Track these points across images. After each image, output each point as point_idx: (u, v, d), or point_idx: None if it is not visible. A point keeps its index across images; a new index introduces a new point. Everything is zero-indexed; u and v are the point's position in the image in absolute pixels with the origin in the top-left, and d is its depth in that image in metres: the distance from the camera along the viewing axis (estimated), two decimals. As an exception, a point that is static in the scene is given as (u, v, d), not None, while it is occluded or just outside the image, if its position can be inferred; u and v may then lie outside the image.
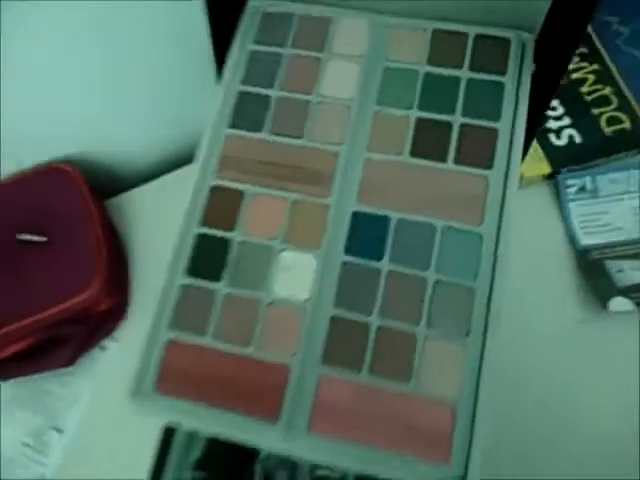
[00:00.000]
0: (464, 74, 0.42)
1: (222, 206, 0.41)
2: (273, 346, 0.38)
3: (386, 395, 0.36)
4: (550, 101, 0.43)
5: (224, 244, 0.41)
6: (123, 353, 0.61)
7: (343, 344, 0.38)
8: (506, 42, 0.43)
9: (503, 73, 0.42)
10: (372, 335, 0.37)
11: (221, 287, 0.40)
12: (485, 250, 0.38)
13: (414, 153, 0.41)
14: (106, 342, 0.62)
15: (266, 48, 0.45)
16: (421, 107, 0.42)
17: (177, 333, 0.39)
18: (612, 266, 0.61)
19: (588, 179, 0.68)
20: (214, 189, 0.42)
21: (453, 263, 0.38)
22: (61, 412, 0.57)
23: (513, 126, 0.41)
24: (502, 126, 0.41)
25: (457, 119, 0.41)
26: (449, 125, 0.41)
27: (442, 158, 0.41)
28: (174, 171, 0.71)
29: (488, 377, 0.36)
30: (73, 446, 0.56)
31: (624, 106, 0.69)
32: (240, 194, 0.42)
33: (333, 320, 0.38)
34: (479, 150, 0.40)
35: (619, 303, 0.58)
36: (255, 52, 0.45)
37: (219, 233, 0.41)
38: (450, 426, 0.35)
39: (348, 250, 0.40)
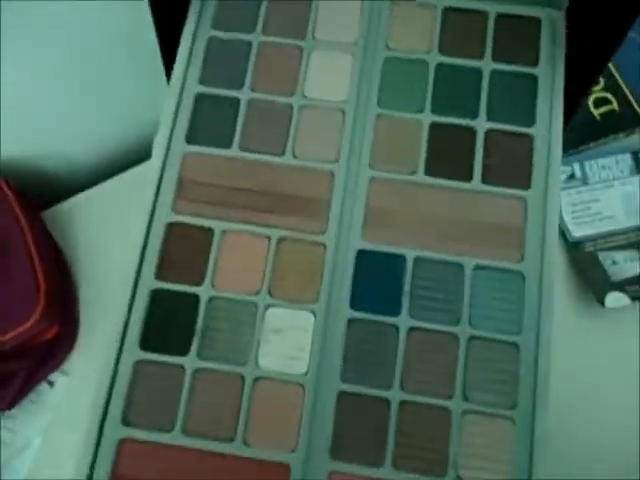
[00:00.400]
0: (486, 65, 0.33)
1: (183, 250, 0.31)
2: (265, 439, 0.29)
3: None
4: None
5: (189, 303, 0.30)
6: (75, 388, 0.53)
7: (356, 430, 0.29)
8: (535, 22, 0.34)
9: (534, 63, 0.33)
10: (393, 414, 0.29)
11: (189, 362, 0.30)
12: (528, 293, 0.30)
13: (430, 170, 0.32)
14: (54, 377, 0.54)
15: (229, 35, 0.34)
16: (435, 109, 0.33)
17: (133, 429, 0.29)
18: (605, 258, 0.59)
19: (576, 166, 0.64)
20: (171, 227, 0.31)
21: (490, 313, 0.30)
22: (7, 462, 0.50)
23: (550, 130, 0.32)
24: (538, 131, 0.32)
25: (481, 124, 0.32)
26: (472, 132, 0.32)
27: (466, 176, 0.32)
28: (122, 173, 0.62)
29: (542, 462, 0.28)
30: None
31: (612, 86, 0.65)
32: (207, 233, 0.31)
33: (341, 397, 0.29)
34: (512, 164, 0.31)
35: (615, 298, 0.56)
36: (214, 40, 0.34)
37: (181, 288, 0.31)
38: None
39: (355, 303, 0.30)
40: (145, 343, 0.30)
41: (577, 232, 0.59)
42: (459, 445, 0.28)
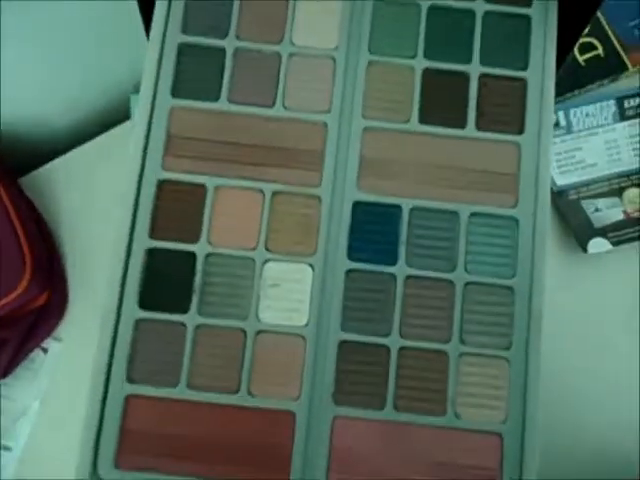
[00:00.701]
0: (479, 5, 0.32)
1: (176, 208, 0.30)
2: (269, 389, 0.29)
3: (417, 433, 0.29)
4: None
5: (186, 260, 0.30)
6: (68, 353, 0.53)
7: (357, 376, 0.29)
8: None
9: (528, 3, 0.32)
10: (393, 361, 0.29)
11: (189, 319, 0.30)
12: (522, 237, 0.30)
13: (424, 118, 0.31)
14: (47, 343, 0.54)
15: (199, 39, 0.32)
16: (428, 54, 0.32)
17: (138, 385, 0.29)
18: (588, 206, 0.59)
19: (561, 114, 0.64)
20: (163, 184, 0.31)
21: (485, 259, 0.30)
22: (7, 428, 0.50)
23: (543, 74, 0.32)
24: (531, 75, 0.32)
25: (475, 68, 0.32)
26: (465, 77, 0.32)
27: (460, 123, 0.31)
28: (99, 137, 0.59)
29: (535, 397, 0.29)
30: (24, 463, 0.50)
31: (597, 32, 0.64)
32: (199, 189, 0.31)
33: (342, 346, 0.30)
34: (505, 109, 0.31)
35: (597, 244, 0.58)
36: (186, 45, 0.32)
37: (178, 246, 0.30)
38: (497, 461, 0.28)
39: (352, 254, 0.30)
40: (144, 302, 0.30)
41: (561, 180, 0.59)
42: (457, 385, 0.29)
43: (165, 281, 0.30)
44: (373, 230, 0.31)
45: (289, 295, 0.30)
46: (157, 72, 0.32)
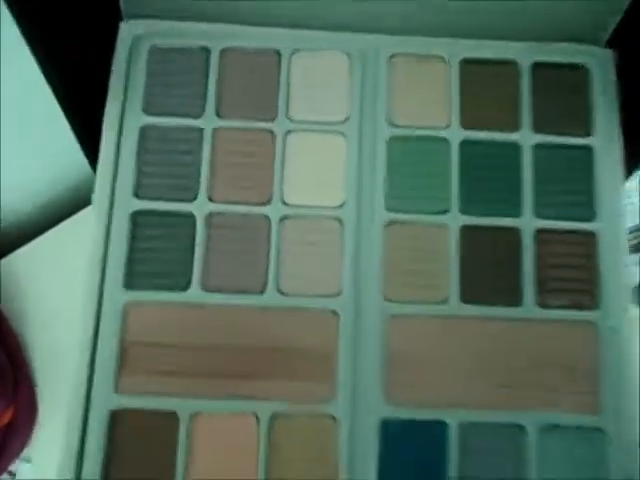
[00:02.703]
0: (525, 138, 0.24)
1: (139, 446, 0.21)
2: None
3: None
4: None
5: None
6: (40, 475, 0.45)
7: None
8: (579, 70, 0.25)
9: (587, 131, 0.24)
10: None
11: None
12: (613, 454, 0.22)
13: (467, 296, 0.23)
14: (15, 466, 0.46)
15: (169, 120, 0.24)
16: (465, 207, 0.24)
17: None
18: None
19: None
20: (117, 416, 0.22)
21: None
22: None
23: (615, 224, 0.24)
24: (602, 227, 0.24)
25: (528, 223, 0.24)
26: (516, 235, 0.24)
27: (514, 299, 0.23)
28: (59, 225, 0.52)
29: None
30: None
31: None
32: (169, 420, 0.22)
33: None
34: (572, 277, 0.23)
35: None
36: (149, 129, 0.24)
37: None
38: None
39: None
40: None
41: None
42: None
43: None
44: (410, 459, 0.22)
45: None
46: (103, 252, 0.23)
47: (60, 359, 0.43)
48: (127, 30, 0.25)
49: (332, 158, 0.24)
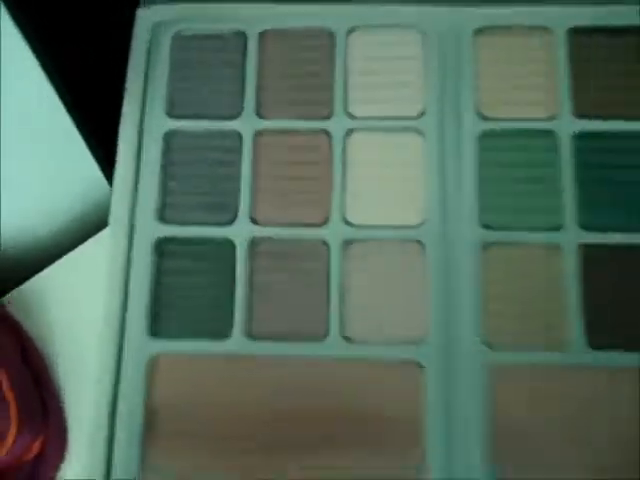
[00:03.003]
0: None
1: None
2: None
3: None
4: None
5: None
6: None
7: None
8: None
9: None
10: None
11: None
12: None
13: (591, 339, 0.17)
14: None
15: (198, 123, 0.19)
16: (584, 221, 0.18)
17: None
18: None
19: None
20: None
21: None
22: None
23: None
24: None
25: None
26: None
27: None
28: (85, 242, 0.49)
29: None
30: None
31: None
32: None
33: None
34: None
35: None
36: (175, 135, 0.19)
37: None
38: None
39: None
40: None
41: None
42: None
43: None
44: None
45: None
46: (122, 296, 0.18)
47: (85, 387, 0.40)
48: (145, 17, 0.21)
49: (406, 163, 0.19)
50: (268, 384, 0.18)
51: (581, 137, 0.19)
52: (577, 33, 0.20)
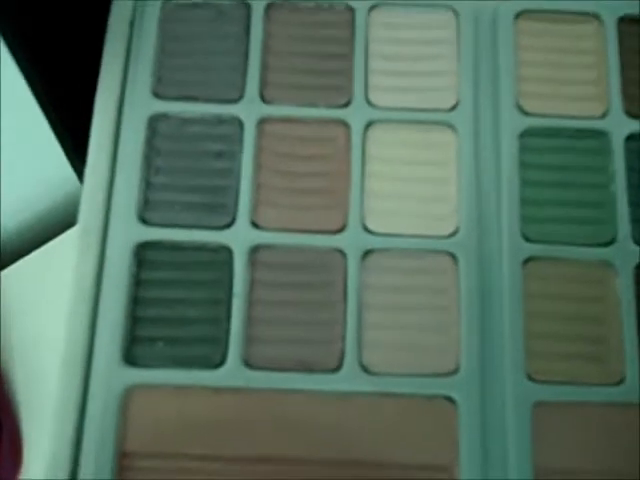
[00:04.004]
0: None
1: None
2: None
3: None
4: None
5: None
6: None
7: None
8: None
9: None
10: None
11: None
12: None
13: None
14: None
15: (190, 106, 0.16)
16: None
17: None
18: None
19: None
20: None
21: None
22: None
23: None
24: None
25: None
26: None
27: None
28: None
29: None
30: None
31: None
32: None
33: None
34: None
35: None
36: (162, 119, 0.16)
37: None
38: None
39: None
40: None
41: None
42: None
43: None
44: None
45: None
46: (91, 312, 0.14)
47: (42, 397, 0.36)
48: (129, -19, 0.19)
49: (437, 162, 0.16)
50: (267, 423, 0.15)
51: (634, 138, 0.16)
52: (631, 23, 0.17)
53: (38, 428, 0.32)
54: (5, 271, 0.39)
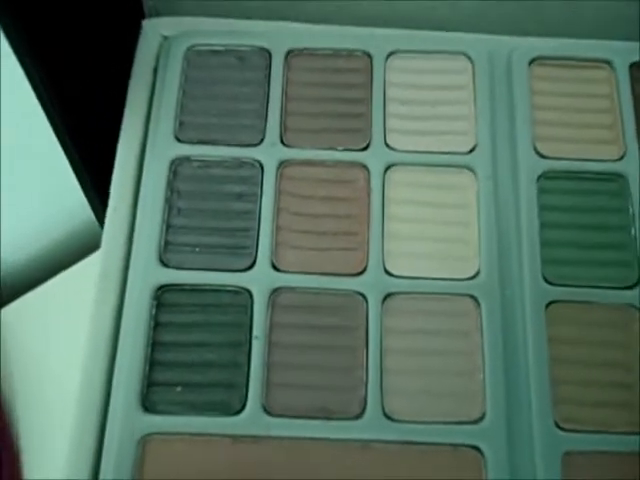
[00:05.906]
0: None
1: None
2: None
3: None
4: None
5: None
6: None
7: None
8: None
9: None
10: None
11: None
12: None
13: None
14: None
15: (212, 149, 0.16)
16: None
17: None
18: None
19: None
20: None
21: None
22: None
23: None
24: None
25: None
26: None
27: None
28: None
29: None
30: None
31: None
32: None
33: None
34: None
35: None
36: (184, 162, 0.16)
37: None
38: None
39: None
40: None
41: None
42: None
43: None
44: None
45: None
46: (108, 356, 0.14)
47: (47, 427, 0.35)
48: (152, 29, 0.18)
49: (456, 205, 0.16)
50: (287, 473, 0.14)
51: (651, 181, 0.17)
52: (639, 67, 0.18)
53: (38, 458, 0.31)
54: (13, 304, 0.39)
